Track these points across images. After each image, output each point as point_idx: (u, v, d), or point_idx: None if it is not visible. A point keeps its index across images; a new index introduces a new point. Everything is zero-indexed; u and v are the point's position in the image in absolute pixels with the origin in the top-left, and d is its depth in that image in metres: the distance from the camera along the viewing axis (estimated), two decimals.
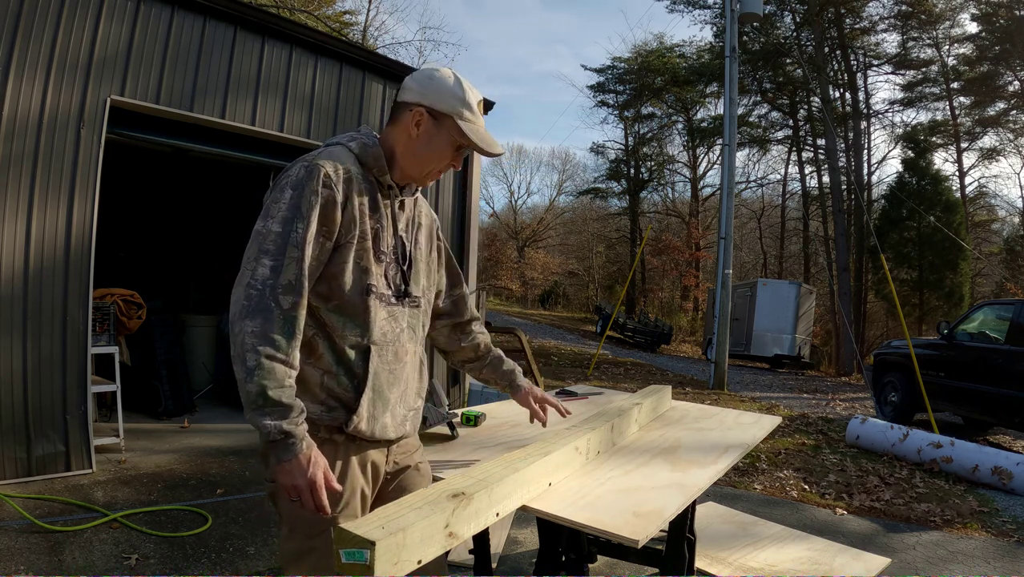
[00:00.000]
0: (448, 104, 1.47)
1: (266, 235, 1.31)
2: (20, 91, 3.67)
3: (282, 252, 1.30)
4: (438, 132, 1.47)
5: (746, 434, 2.30)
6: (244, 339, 1.26)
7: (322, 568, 1.37)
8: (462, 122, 1.47)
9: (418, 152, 1.49)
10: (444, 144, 1.49)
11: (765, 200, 29.29)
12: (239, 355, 1.26)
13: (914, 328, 16.54)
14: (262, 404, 1.25)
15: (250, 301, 1.28)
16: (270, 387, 1.25)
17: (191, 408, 5.83)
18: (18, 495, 3.46)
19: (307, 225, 1.32)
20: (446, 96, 1.47)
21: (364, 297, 1.44)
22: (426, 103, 1.47)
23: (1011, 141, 20.66)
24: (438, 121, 1.47)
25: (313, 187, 1.34)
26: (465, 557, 2.80)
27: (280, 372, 1.27)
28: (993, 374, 6.51)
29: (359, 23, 20.20)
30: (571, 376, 10.46)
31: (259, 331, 1.26)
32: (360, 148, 1.47)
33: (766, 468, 5.21)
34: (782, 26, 21.99)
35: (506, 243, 36.56)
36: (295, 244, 1.31)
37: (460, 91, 1.47)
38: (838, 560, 2.80)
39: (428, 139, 1.48)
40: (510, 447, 1.78)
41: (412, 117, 1.47)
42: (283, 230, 1.31)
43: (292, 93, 5.03)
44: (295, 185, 1.35)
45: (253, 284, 1.29)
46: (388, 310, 1.50)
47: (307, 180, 1.35)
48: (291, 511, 1.40)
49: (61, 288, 3.88)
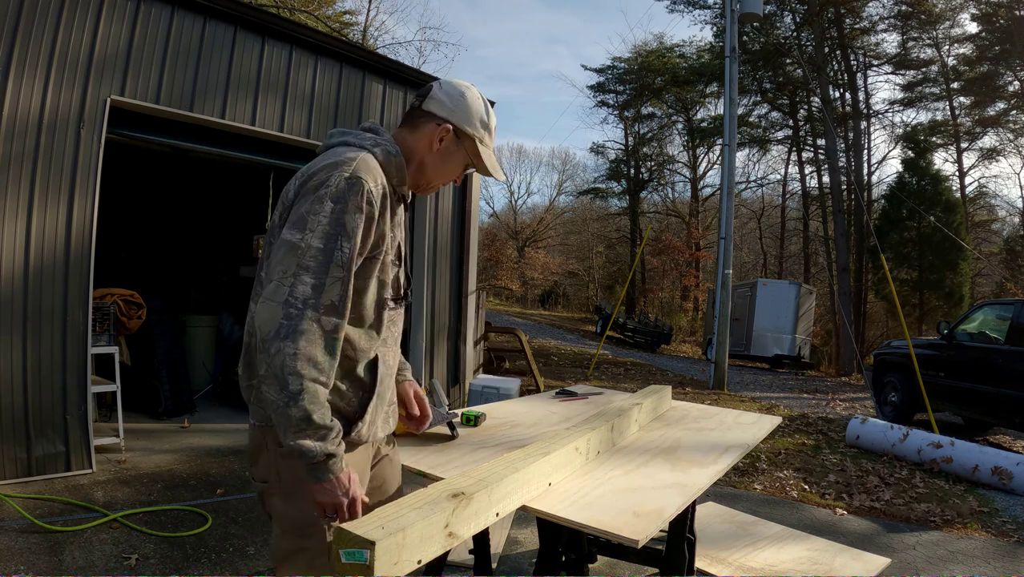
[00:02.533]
0: (474, 127, 1.48)
1: (305, 249, 1.24)
2: (20, 91, 3.67)
3: (324, 270, 1.24)
4: (457, 151, 1.49)
5: (746, 434, 2.31)
6: (284, 361, 1.20)
7: (315, 568, 1.37)
8: (482, 147, 1.49)
9: (432, 166, 1.49)
10: (458, 163, 1.51)
11: (765, 200, 29.30)
12: (278, 377, 1.20)
13: (914, 328, 16.54)
14: (305, 428, 1.22)
15: (290, 321, 1.21)
16: (315, 412, 1.22)
17: (191, 408, 5.83)
18: (18, 495, 3.46)
19: (352, 245, 1.27)
20: (474, 119, 1.48)
21: (380, 310, 1.44)
22: (454, 121, 1.47)
23: (1011, 141, 20.68)
24: (459, 141, 1.48)
25: (357, 203, 1.28)
26: (465, 557, 2.80)
27: (322, 395, 1.25)
28: (993, 374, 6.50)
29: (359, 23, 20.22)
30: (571, 376, 10.45)
31: (302, 353, 1.20)
32: (384, 157, 1.42)
33: (766, 468, 5.21)
34: (782, 26, 22.00)
35: (506, 243, 36.54)
36: (339, 264, 1.26)
37: (486, 116, 1.50)
38: (838, 560, 2.80)
39: (446, 156, 1.49)
40: (510, 447, 1.78)
41: (438, 132, 1.47)
42: (325, 247, 1.25)
43: (292, 93, 5.03)
44: (336, 198, 1.27)
45: (292, 303, 1.22)
46: (390, 316, 1.50)
47: (350, 194, 1.27)
48: (285, 512, 1.40)
49: (61, 288, 3.88)
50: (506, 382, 6.72)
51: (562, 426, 1.89)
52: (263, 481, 1.43)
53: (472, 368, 7.14)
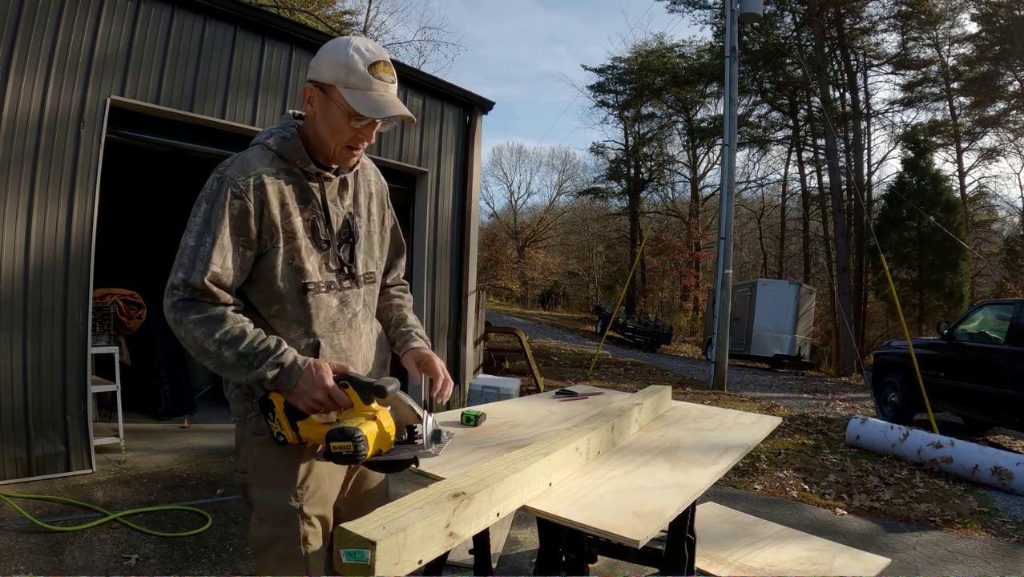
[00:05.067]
0: (331, 73, 1.38)
1: (183, 249, 1.36)
2: (20, 91, 3.67)
3: (193, 263, 1.34)
4: (328, 105, 1.40)
5: (746, 434, 2.30)
6: (193, 335, 1.33)
7: (289, 556, 1.42)
8: (346, 89, 1.37)
9: (318, 130, 1.43)
10: (337, 117, 1.40)
11: (765, 200, 29.30)
12: (200, 351, 1.34)
13: (914, 328, 16.54)
14: (246, 364, 1.33)
15: (176, 309, 1.34)
16: (240, 347, 1.32)
17: (191, 408, 5.83)
18: (18, 495, 3.46)
19: (215, 238, 1.34)
20: (329, 65, 1.39)
21: (302, 296, 1.45)
22: (313, 76, 1.42)
23: (1011, 141, 20.68)
24: (327, 94, 1.40)
25: (221, 200, 1.35)
26: (465, 557, 2.80)
27: (236, 332, 1.33)
28: (993, 374, 6.50)
29: (359, 23, 20.22)
30: (571, 376, 10.45)
31: (198, 320, 1.33)
32: (278, 143, 1.44)
33: (766, 468, 5.21)
34: (782, 26, 22.00)
35: (506, 243, 36.54)
36: (203, 257, 1.34)
37: (345, 57, 1.37)
38: (838, 560, 2.80)
39: (324, 115, 1.41)
40: (510, 447, 1.78)
41: (306, 95, 1.43)
42: (196, 243, 1.35)
43: (292, 93, 5.03)
44: (208, 199, 1.37)
45: (173, 293, 1.35)
46: (340, 296, 1.50)
47: (217, 192, 1.36)
48: (261, 500, 1.46)
49: (61, 288, 3.88)
50: (506, 382, 6.72)
51: (562, 426, 1.89)
52: (243, 472, 1.50)
53: (472, 368, 7.14)
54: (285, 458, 1.45)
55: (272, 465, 1.46)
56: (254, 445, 1.47)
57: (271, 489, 1.45)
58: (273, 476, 1.46)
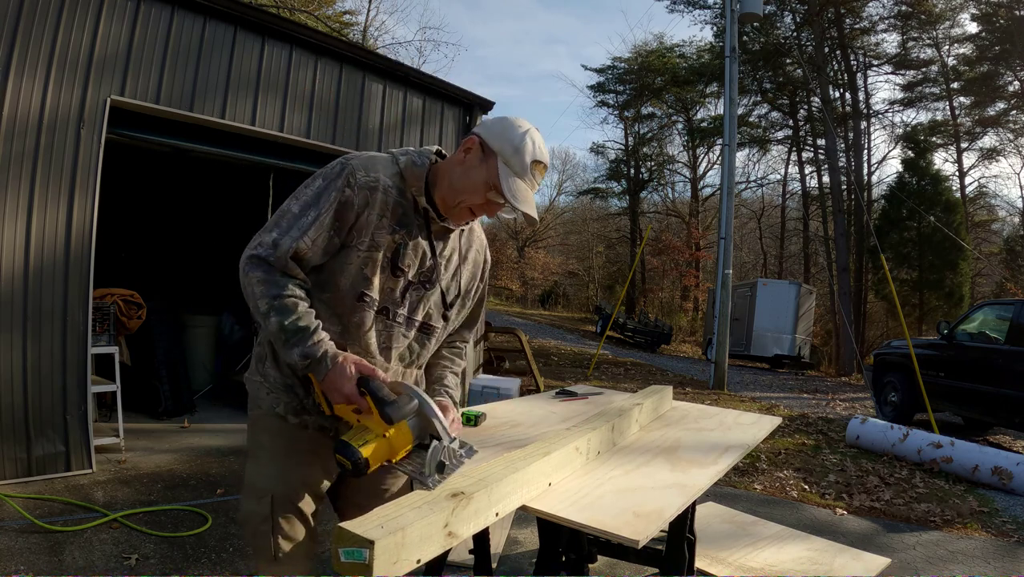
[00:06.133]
0: (499, 144, 1.45)
1: (284, 212, 1.44)
2: (20, 91, 3.67)
3: (289, 229, 1.40)
4: (479, 166, 1.46)
5: (746, 434, 2.30)
6: (254, 288, 1.38)
7: (260, 533, 1.49)
8: (503, 165, 1.44)
9: (455, 179, 1.48)
10: (480, 180, 1.45)
11: (765, 200, 29.30)
12: (254, 306, 1.39)
13: (914, 328, 16.53)
14: (283, 339, 1.37)
15: (251, 261, 1.40)
16: (286, 320, 1.36)
17: (191, 408, 5.83)
18: (18, 495, 3.46)
19: (318, 215, 1.41)
20: (502, 137, 1.46)
21: (356, 303, 1.47)
22: (482, 133, 1.48)
23: (1011, 141, 20.67)
24: (485, 155, 1.46)
25: (338, 184, 1.43)
26: (465, 557, 2.80)
27: (288, 304, 1.37)
28: (993, 374, 6.50)
29: (359, 23, 20.23)
30: (571, 376, 10.45)
31: (262, 278, 1.38)
32: (407, 163, 1.50)
33: (766, 468, 5.21)
34: (782, 26, 21.99)
35: (506, 243, 36.52)
36: (302, 227, 1.40)
37: (519, 141, 1.44)
38: (838, 560, 2.80)
39: (468, 168, 1.47)
40: (510, 447, 1.78)
41: (466, 142, 1.48)
42: (299, 212, 1.42)
43: (292, 93, 5.03)
44: (325, 176, 1.46)
45: (258, 248, 1.41)
46: (386, 324, 1.52)
47: (336, 176, 1.44)
48: (247, 473, 1.54)
49: (61, 288, 3.88)
50: (506, 382, 6.72)
51: (562, 426, 1.89)
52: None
53: (472, 368, 7.14)
54: (277, 439, 1.52)
55: (262, 445, 1.54)
56: (255, 419, 1.56)
57: (253, 463, 1.54)
58: (260, 454, 1.54)
